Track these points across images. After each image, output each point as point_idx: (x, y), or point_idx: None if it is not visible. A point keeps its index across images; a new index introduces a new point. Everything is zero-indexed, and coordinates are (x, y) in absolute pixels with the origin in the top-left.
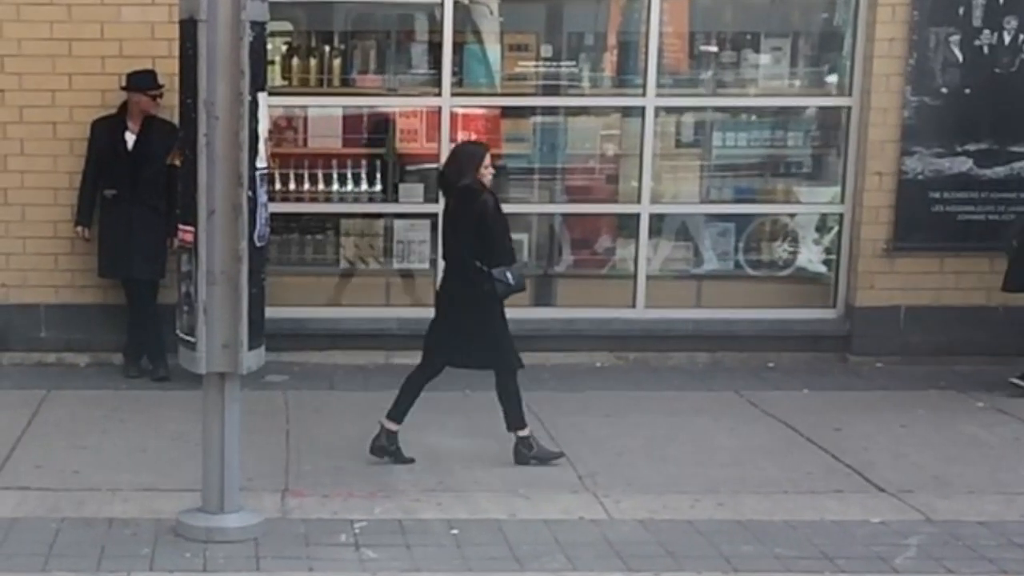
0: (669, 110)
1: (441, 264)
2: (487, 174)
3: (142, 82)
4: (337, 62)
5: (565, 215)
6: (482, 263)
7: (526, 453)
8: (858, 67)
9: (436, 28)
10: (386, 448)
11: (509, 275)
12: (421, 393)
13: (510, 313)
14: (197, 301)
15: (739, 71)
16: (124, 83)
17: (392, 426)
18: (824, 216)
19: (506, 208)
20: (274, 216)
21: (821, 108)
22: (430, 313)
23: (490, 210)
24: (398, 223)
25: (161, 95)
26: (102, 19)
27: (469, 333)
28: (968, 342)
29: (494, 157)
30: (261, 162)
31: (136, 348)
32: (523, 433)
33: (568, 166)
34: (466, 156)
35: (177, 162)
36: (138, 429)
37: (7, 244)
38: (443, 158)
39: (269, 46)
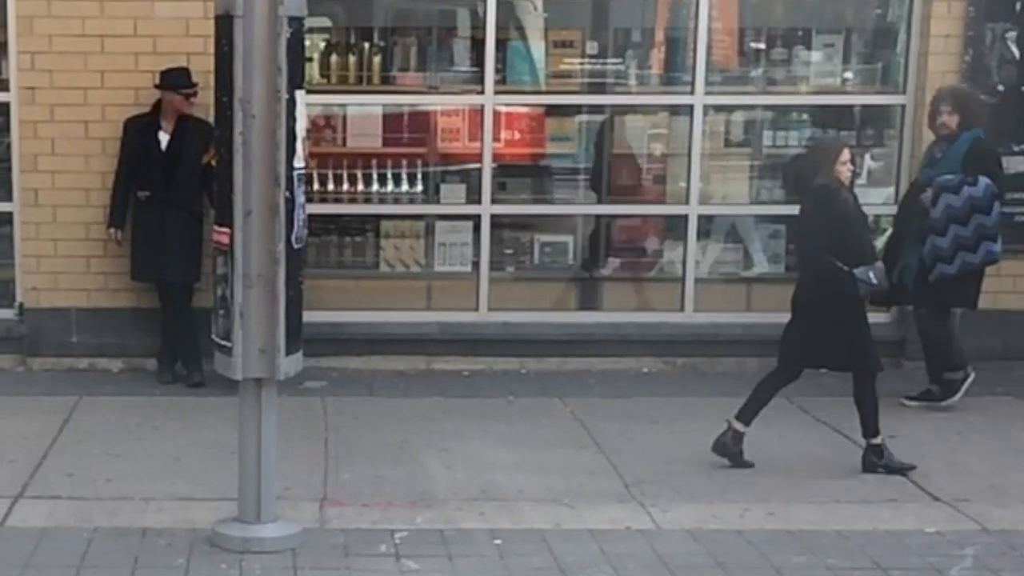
0: (718, 108)
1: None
2: (844, 170)
3: (176, 80)
4: (377, 59)
5: (611, 216)
6: (842, 263)
7: (875, 461)
8: (912, 64)
9: (479, 24)
10: (729, 447)
11: (871, 274)
12: (774, 398)
13: (556, 317)
14: (233, 305)
15: (790, 68)
16: (157, 81)
17: (740, 427)
18: (877, 217)
19: (550, 209)
20: (312, 217)
21: (874, 106)
22: (472, 317)
23: (850, 208)
24: (439, 224)
25: (195, 93)
26: (135, 15)
27: (827, 334)
28: None
29: (537, 157)
30: (299, 162)
31: (170, 353)
32: (875, 441)
33: (614, 166)
34: (821, 152)
35: (213, 162)
36: (172, 436)
37: (38, 246)
38: (485, 158)
39: (307, 42)
